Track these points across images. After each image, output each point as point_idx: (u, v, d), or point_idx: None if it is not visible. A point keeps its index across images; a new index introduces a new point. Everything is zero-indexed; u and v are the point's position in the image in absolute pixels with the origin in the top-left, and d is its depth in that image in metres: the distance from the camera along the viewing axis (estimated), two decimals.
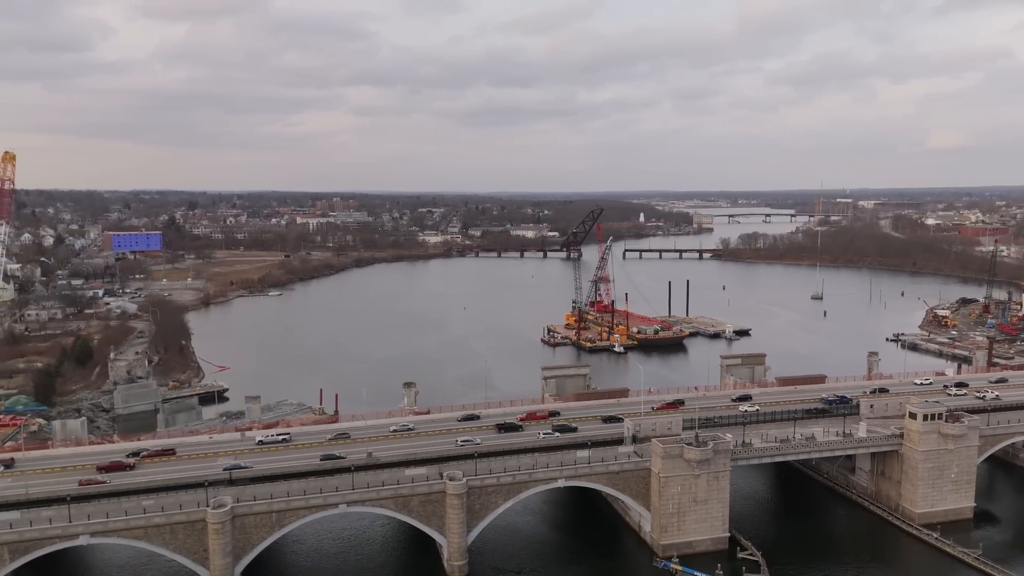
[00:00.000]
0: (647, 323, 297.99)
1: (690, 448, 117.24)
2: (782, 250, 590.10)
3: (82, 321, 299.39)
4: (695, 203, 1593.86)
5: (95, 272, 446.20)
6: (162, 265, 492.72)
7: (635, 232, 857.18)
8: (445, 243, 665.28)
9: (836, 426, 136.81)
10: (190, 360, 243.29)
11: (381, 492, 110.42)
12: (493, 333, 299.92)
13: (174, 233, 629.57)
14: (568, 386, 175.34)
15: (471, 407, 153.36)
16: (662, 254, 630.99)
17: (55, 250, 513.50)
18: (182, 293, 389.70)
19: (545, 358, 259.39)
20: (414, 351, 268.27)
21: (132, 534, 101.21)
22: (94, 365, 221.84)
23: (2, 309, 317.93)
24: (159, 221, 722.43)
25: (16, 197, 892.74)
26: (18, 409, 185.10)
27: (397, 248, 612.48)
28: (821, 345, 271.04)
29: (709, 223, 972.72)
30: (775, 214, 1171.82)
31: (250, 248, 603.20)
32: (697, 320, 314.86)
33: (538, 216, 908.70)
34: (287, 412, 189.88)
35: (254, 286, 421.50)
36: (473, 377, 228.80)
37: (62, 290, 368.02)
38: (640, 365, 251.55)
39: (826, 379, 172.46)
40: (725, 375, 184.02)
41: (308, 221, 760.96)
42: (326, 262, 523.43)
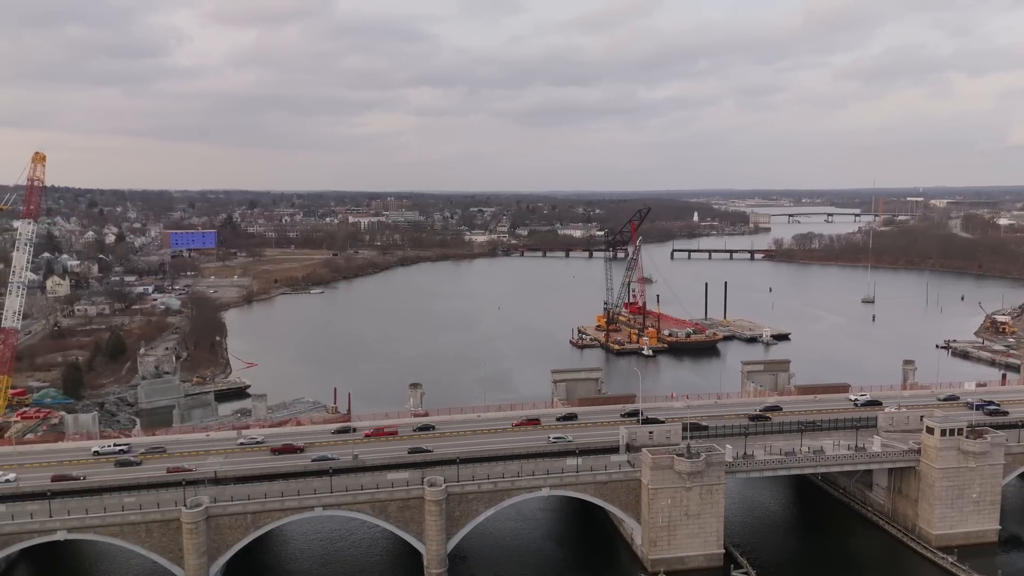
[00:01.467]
0: (680, 326, 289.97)
1: (680, 459, 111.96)
2: (838, 251, 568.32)
3: (126, 317, 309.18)
4: (755, 202, 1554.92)
5: (149, 269, 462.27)
6: (213, 262, 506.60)
7: (687, 232, 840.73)
8: (491, 242, 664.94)
9: (849, 438, 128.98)
10: (219, 356, 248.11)
11: (358, 496, 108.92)
12: (522, 333, 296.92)
13: (229, 232, 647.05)
14: (579, 390, 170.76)
15: (470, 410, 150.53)
16: (712, 254, 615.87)
17: (115, 247, 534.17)
18: (227, 290, 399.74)
19: (571, 360, 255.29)
20: (440, 350, 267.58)
21: (108, 531, 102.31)
22: (125, 360, 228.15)
23: (53, 304, 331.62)
24: (217, 220, 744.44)
25: (90, 197, 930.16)
26: (46, 402, 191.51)
27: (443, 247, 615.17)
28: (863, 351, 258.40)
29: (766, 222, 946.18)
30: (839, 213, 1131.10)
31: (301, 247, 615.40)
32: (734, 323, 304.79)
33: (588, 215, 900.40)
34: (301, 410, 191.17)
35: (297, 284, 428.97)
36: (493, 378, 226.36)
37: (114, 286, 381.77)
38: (667, 369, 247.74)
39: (849, 388, 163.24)
40: (746, 382, 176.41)
41: (360, 220, 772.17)
42: (371, 261, 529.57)
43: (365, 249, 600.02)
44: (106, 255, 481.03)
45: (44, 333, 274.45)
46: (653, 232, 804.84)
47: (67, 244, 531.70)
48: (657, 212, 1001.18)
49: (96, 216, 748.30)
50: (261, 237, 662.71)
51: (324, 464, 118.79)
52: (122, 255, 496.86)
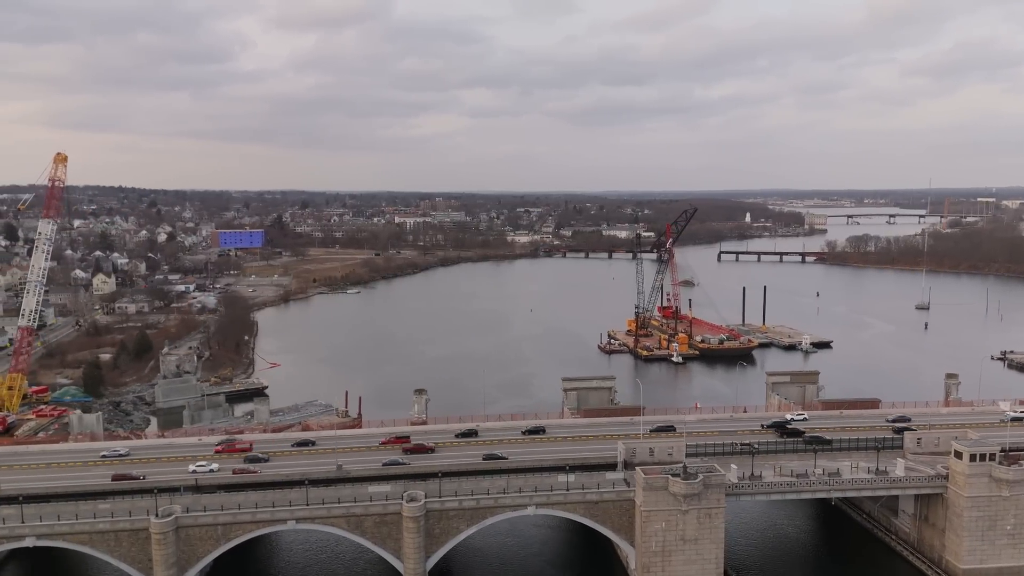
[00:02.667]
0: (715, 331, 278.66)
1: (676, 480, 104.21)
2: (895, 254, 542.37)
3: (163, 315, 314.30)
4: (815, 203, 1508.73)
5: (195, 268, 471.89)
6: (257, 262, 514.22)
7: (738, 233, 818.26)
8: (533, 243, 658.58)
9: (871, 460, 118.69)
10: (244, 356, 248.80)
11: (332, 510, 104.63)
12: (551, 337, 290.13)
13: (277, 231, 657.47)
14: (591, 399, 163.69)
15: (468, 419, 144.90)
16: (760, 257, 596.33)
17: (165, 246, 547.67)
18: (265, 289, 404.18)
19: (597, 366, 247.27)
20: (465, 352, 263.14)
21: (77, 539, 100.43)
22: (150, 359, 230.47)
23: (94, 301, 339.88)
24: (268, 220, 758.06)
25: (153, 197, 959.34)
26: (66, 400, 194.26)
27: (485, 248, 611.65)
28: (909, 362, 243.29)
29: (823, 224, 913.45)
30: (902, 214, 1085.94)
31: (345, 247, 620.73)
32: (773, 330, 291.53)
33: (636, 216, 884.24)
34: (312, 413, 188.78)
35: (336, 284, 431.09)
36: (513, 383, 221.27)
37: (157, 284, 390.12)
38: (696, 377, 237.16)
39: (879, 404, 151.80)
40: (770, 394, 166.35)
41: (405, 220, 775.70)
42: (410, 261, 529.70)
43: (408, 249, 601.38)
44: (155, 254, 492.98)
45: (80, 330, 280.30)
46: (702, 233, 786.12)
47: (121, 243, 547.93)
48: (708, 213, 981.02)
49: (153, 216, 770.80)
50: (308, 237, 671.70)
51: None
52: (171, 254, 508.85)
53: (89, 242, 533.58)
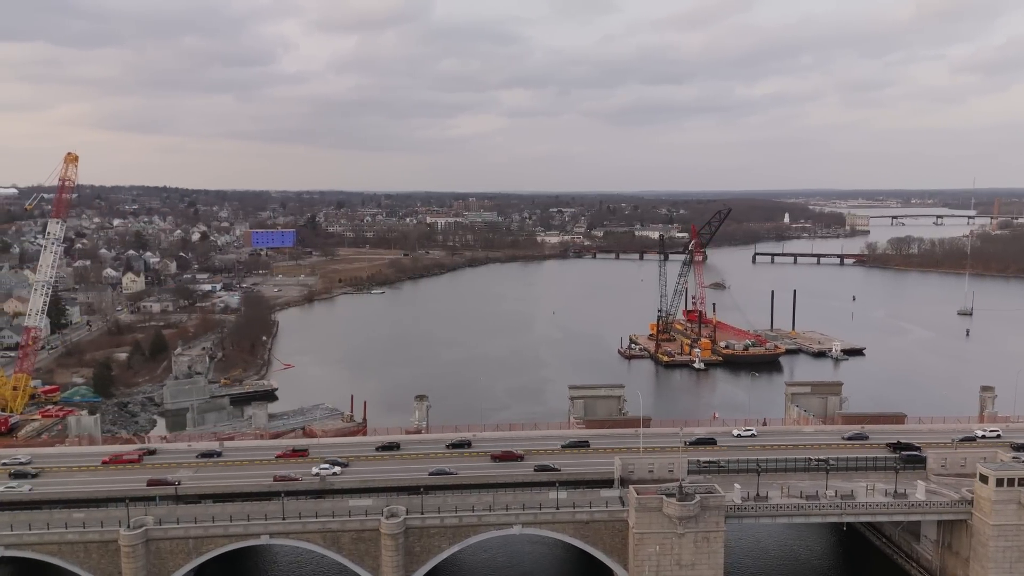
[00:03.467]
0: (741, 336, 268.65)
1: (670, 501, 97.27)
2: (939, 256, 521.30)
3: (185, 314, 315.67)
4: (858, 203, 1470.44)
5: (225, 267, 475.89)
6: (286, 261, 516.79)
7: (776, 234, 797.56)
8: (563, 244, 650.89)
9: (888, 481, 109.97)
10: (258, 357, 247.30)
11: (307, 525, 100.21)
12: (571, 340, 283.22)
13: (309, 231, 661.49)
14: (599, 409, 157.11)
15: (464, 429, 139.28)
16: (797, 259, 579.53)
17: (198, 245, 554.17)
18: (291, 289, 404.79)
19: (616, 372, 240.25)
20: (482, 355, 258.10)
21: (46, 549, 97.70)
22: (164, 359, 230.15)
23: (119, 300, 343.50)
24: (303, 220, 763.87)
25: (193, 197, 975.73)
26: (75, 400, 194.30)
27: (514, 248, 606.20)
28: (946, 372, 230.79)
29: (865, 225, 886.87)
30: (951, 215, 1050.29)
31: (375, 247, 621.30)
32: (803, 335, 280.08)
33: (670, 216, 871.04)
34: (317, 417, 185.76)
35: (361, 284, 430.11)
36: (525, 389, 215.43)
37: (185, 284, 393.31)
38: (718, 385, 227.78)
39: (905, 419, 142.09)
40: (789, 406, 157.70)
41: (436, 220, 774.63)
42: (437, 261, 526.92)
43: (437, 250, 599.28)
44: (186, 253, 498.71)
45: (103, 329, 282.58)
46: (738, 234, 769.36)
47: (155, 242, 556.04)
48: (745, 213, 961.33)
49: (191, 216, 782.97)
50: (339, 237, 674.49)
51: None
52: (202, 253, 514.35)
53: (125, 241, 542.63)
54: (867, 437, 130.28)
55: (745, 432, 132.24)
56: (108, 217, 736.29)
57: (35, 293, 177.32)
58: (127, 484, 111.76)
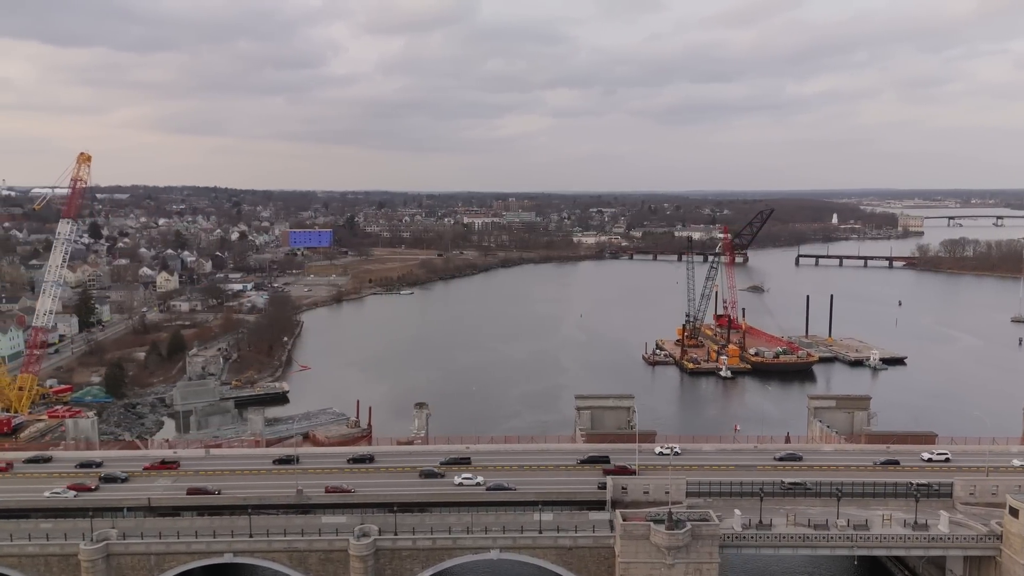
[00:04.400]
0: (773, 343, 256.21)
1: (658, 529, 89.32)
2: (995, 259, 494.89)
3: (211, 313, 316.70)
4: (914, 203, 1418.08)
5: (259, 266, 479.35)
6: (320, 261, 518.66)
7: (823, 235, 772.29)
8: (599, 244, 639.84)
9: (908, 511, 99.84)
10: (275, 359, 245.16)
11: (273, 544, 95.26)
12: (596, 344, 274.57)
13: (346, 231, 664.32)
14: (607, 420, 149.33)
15: (461, 440, 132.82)
16: (843, 261, 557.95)
17: (237, 244, 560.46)
18: (321, 288, 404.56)
19: (639, 379, 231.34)
20: (501, 359, 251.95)
21: (6, 562, 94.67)
22: (180, 359, 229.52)
23: (148, 298, 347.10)
24: (342, 220, 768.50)
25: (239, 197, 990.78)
26: (86, 400, 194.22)
27: (550, 249, 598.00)
28: (995, 385, 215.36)
29: (918, 226, 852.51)
30: (1012, 216, 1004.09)
31: (411, 247, 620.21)
32: (840, 342, 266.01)
33: (713, 216, 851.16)
34: (322, 422, 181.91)
35: (391, 284, 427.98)
36: (539, 395, 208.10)
37: (217, 283, 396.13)
38: (745, 395, 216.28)
39: (936, 439, 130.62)
40: (812, 421, 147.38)
41: (474, 221, 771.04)
42: (470, 262, 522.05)
43: (472, 250, 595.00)
44: (223, 252, 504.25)
45: (128, 328, 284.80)
46: (783, 235, 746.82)
47: (195, 241, 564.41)
48: (792, 213, 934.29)
49: (233, 215, 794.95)
50: (376, 237, 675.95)
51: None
52: (239, 252, 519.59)
53: (166, 240, 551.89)
54: (801, 457, 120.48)
55: (666, 449, 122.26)
56: (155, 217, 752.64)
57: (43, 294, 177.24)
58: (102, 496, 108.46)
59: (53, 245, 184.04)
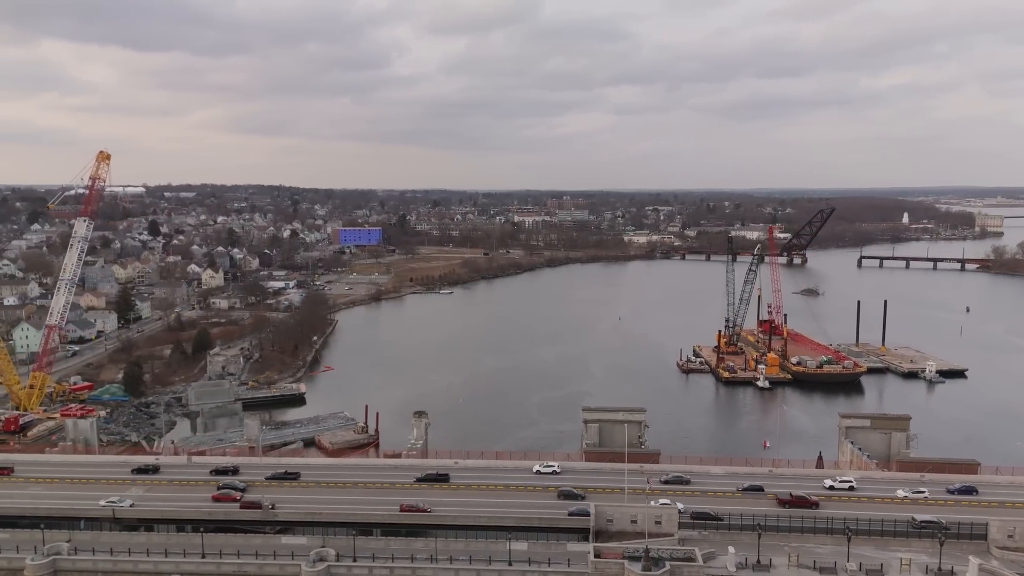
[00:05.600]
0: (818, 351, 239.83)
1: (632, 569, 79.63)
2: None
3: (248, 311, 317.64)
4: (996, 201, 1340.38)
5: (307, 264, 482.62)
6: (366, 259, 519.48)
7: (892, 235, 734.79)
8: (650, 244, 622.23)
9: (933, 554, 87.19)
10: (299, 358, 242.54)
11: (222, 567, 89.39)
12: (630, 350, 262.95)
13: (396, 229, 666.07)
14: (616, 434, 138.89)
15: (467, 454, 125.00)
16: (909, 263, 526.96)
17: (287, 242, 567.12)
18: (362, 287, 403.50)
19: (668, 387, 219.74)
20: (527, 363, 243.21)
21: None
22: (204, 358, 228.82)
23: (194, 296, 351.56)
24: (395, 218, 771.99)
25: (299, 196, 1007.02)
26: (104, 398, 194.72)
27: (599, 248, 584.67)
28: None
29: (998, 226, 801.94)
30: None
31: (459, 245, 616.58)
32: (894, 352, 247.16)
33: (774, 215, 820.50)
34: (331, 426, 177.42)
35: (432, 283, 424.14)
36: (559, 403, 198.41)
37: (259, 280, 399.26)
38: (781, 408, 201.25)
39: (979, 468, 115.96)
40: (843, 441, 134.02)
41: (524, 219, 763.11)
42: (514, 261, 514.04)
43: (519, 249, 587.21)
44: (271, 250, 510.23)
45: (164, 325, 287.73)
46: (848, 235, 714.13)
47: (247, 239, 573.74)
48: (860, 212, 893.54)
49: (290, 214, 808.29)
50: (426, 235, 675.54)
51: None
52: (288, 250, 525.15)
53: (219, 238, 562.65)
54: (688, 481, 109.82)
55: (545, 468, 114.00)
56: (214, 215, 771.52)
57: (57, 292, 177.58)
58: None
59: (69, 244, 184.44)
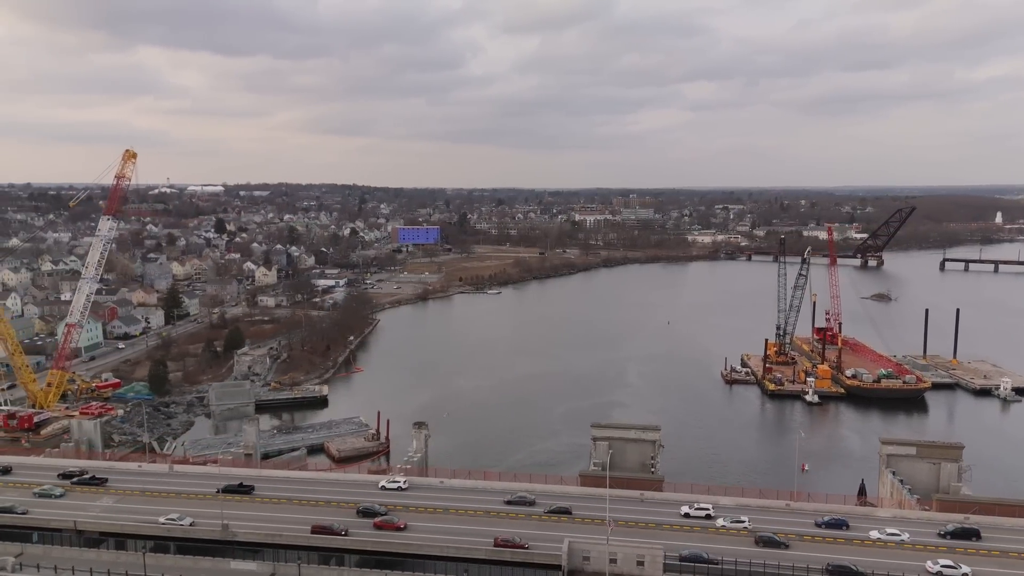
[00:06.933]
0: (879, 364, 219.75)
1: None
2: None
3: (290, 310, 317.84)
4: None
5: (362, 262, 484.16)
6: (420, 259, 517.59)
7: (981, 236, 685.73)
8: (715, 244, 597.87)
9: None
10: (329, 359, 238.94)
11: None
12: (672, 358, 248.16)
13: (456, 228, 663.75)
14: (628, 453, 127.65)
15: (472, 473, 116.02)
16: (998, 266, 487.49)
17: (346, 240, 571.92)
18: (411, 286, 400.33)
19: (708, 399, 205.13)
20: (560, 369, 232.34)
21: None
22: (232, 358, 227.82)
23: (242, 293, 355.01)
24: (456, 217, 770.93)
25: (370, 195, 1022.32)
26: (129, 397, 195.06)
27: (659, 248, 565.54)
28: None
29: None
30: None
31: (516, 244, 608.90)
32: (965, 366, 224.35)
33: (853, 214, 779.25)
34: (343, 432, 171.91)
35: (481, 283, 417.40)
36: (587, 413, 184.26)
37: (311, 278, 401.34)
38: (831, 426, 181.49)
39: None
40: (883, 472, 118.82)
41: (585, 218, 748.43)
42: (569, 261, 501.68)
43: (577, 248, 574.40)
44: (327, 248, 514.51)
45: (206, 323, 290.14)
46: (933, 235, 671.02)
47: (307, 237, 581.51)
48: (948, 211, 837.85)
49: (354, 212, 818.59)
50: (485, 234, 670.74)
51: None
52: (345, 248, 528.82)
53: (281, 236, 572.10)
54: (569, 510, 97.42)
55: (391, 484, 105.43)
56: (282, 213, 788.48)
57: (78, 291, 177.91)
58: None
59: (92, 243, 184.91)
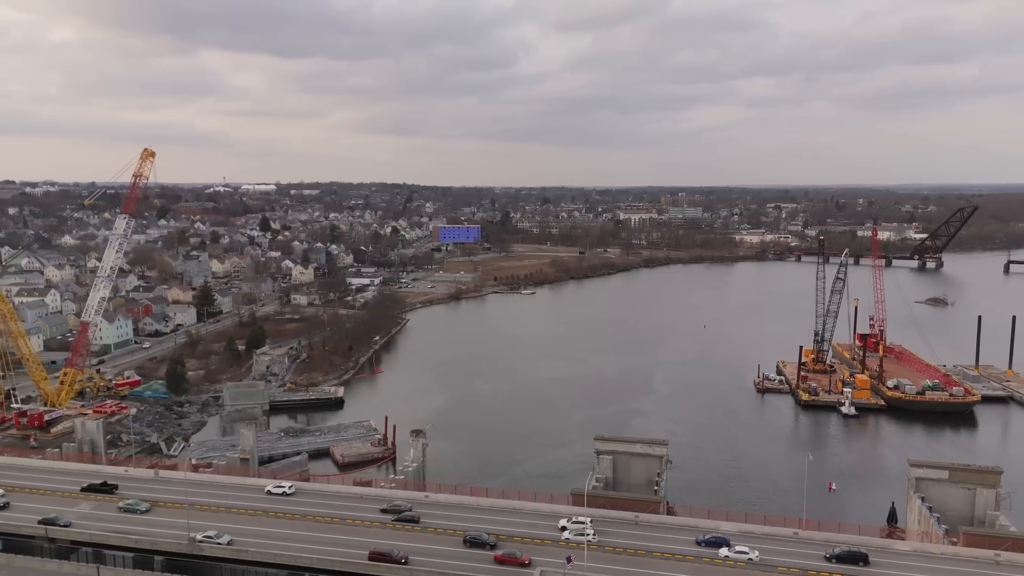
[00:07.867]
0: (925, 374, 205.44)
1: None
2: None
3: (320, 308, 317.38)
4: None
5: (400, 261, 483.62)
6: (458, 257, 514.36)
7: None
8: (763, 244, 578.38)
9: None
10: (350, 360, 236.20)
11: None
12: (704, 364, 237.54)
13: (497, 227, 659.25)
14: (632, 469, 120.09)
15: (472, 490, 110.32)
16: None
17: (387, 239, 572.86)
18: (445, 285, 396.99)
19: (737, 409, 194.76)
20: (584, 374, 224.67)
21: None
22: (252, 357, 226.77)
23: (276, 291, 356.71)
24: (499, 216, 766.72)
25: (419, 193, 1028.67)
26: (146, 395, 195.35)
27: (704, 248, 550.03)
28: None
29: None
30: None
31: (557, 244, 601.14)
32: (1022, 378, 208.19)
33: (913, 213, 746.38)
34: (348, 437, 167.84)
35: (516, 283, 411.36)
36: (605, 422, 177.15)
37: (346, 276, 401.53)
38: (864, 441, 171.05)
39: None
40: (911, 497, 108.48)
41: (630, 217, 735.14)
42: (610, 261, 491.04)
43: (618, 247, 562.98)
44: (366, 247, 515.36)
45: (235, 321, 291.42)
46: (1000, 236, 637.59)
47: (349, 236, 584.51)
48: (1017, 210, 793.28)
49: (399, 211, 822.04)
50: (527, 233, 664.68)
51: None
52: (384, 247, 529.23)
53: (323, 234, 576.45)
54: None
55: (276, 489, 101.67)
56: (328, 212, 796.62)
57: (94, 289, 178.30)
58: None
59: (108, 241, 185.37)
